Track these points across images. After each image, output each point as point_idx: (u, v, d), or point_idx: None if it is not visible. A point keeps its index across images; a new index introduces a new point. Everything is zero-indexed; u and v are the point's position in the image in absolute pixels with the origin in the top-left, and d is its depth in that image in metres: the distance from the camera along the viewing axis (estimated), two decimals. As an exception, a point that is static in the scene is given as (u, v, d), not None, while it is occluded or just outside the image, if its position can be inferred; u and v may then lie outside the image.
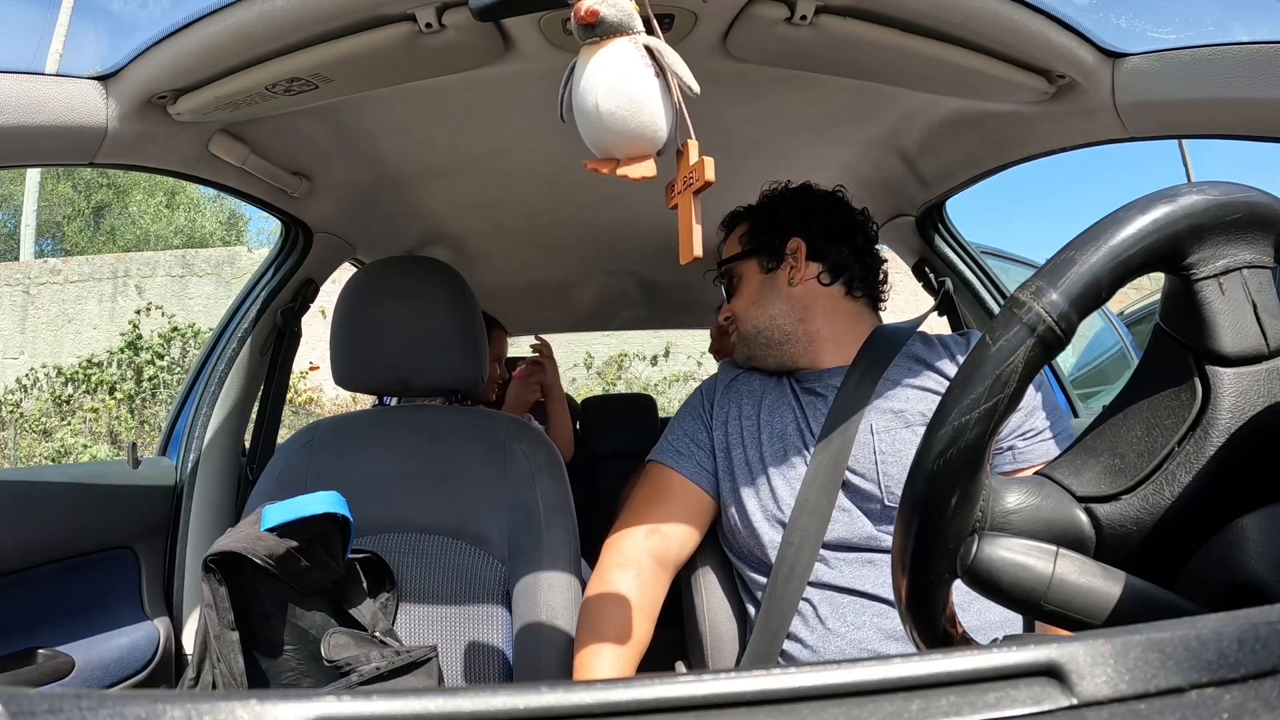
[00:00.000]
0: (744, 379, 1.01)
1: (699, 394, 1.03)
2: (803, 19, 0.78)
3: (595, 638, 0.84)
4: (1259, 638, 0.25)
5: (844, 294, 0.98)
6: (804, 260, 0.97)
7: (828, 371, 0.95)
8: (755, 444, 0.93)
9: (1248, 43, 0.73)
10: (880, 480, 0.85)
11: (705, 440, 0.97)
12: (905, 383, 0.91)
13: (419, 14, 0.76)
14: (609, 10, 0.51)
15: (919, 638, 0.42)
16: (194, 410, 1.36)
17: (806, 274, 0.97)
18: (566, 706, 0.24)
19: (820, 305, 0.97)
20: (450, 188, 1.39)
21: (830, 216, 1.00)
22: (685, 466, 0.96)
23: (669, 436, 1.01)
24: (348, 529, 0.89)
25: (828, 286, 0.97)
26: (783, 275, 0.98)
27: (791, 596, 0.85)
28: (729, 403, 0.99)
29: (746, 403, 0.97)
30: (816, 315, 0.97)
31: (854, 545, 0.86)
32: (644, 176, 0.53)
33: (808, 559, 0.85)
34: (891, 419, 0.88)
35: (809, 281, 0.97)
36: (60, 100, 0.80)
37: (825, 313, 0.97)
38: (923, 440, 0.39)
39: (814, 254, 0.97)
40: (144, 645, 1.17)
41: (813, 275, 0.97)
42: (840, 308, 0.98)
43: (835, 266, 0.97)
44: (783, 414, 0.94)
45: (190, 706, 0.22)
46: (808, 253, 0.97)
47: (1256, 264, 0.40)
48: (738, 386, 1.00)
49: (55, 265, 7.10)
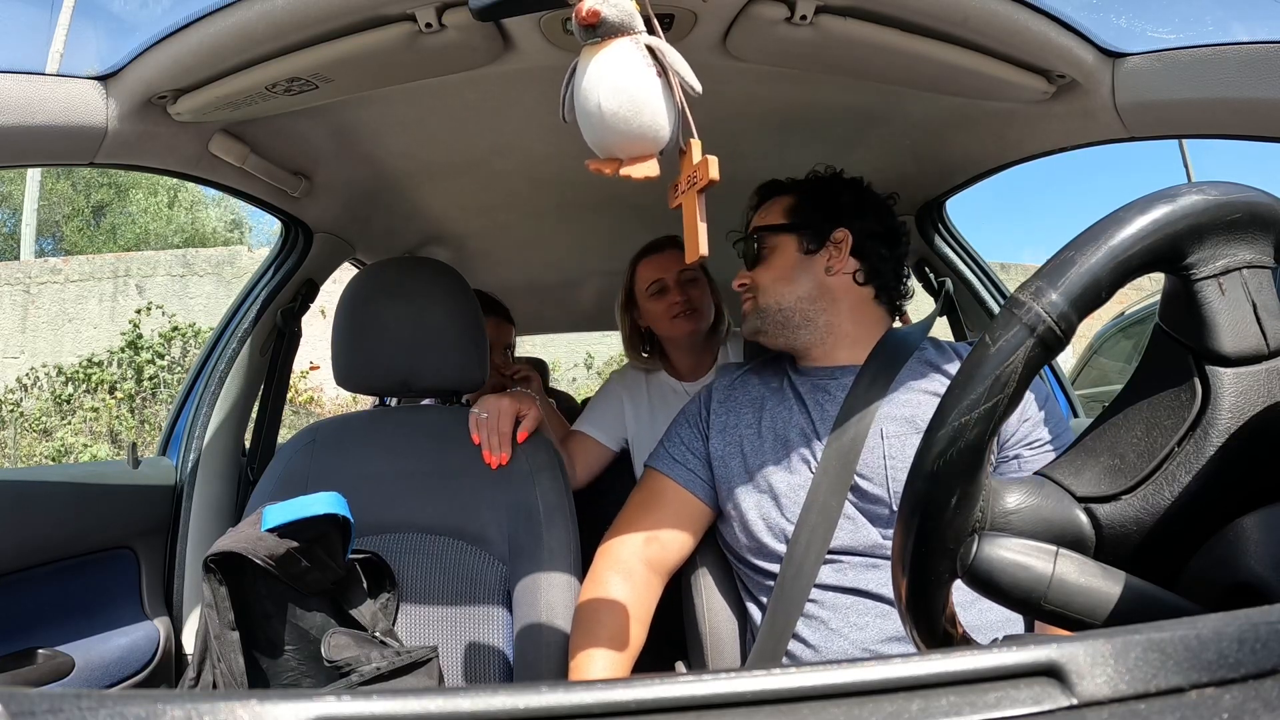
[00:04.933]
0: (741, 385, 1.00)
1: (697, 400, 1.02)
2: (803, 19, 0.78)
3: (589, 642, 0.84)
4: (1259, 638, 0.25)
5: (872, 296, 0.97)
6: (846, 253, 0.96)
7: (840, 369, 0.94)
8: (757, 451, 0.92)
9: (1248, 43, 0.73)
10: (889, 485, 0.85)
11: (701, 449, 0.97)
12: (917, 388, 0.90)
13: (419, 14, 0.76)
14: (610, 10, 0.51)
15: (919, 638, 0.42)
16: (194, 410, 1.36)
17: (845, 267, 0.95)
18: (566, 706, 0.24)
19: (848, 301, 0.96)
20: (450, 188, 1.39)
21: (882, 219, 0.99)
22: (680, 474, 0.96)
23: (665, 443, 1.00)
24: (348, 530, 0.89)
25: (861, 286, 0.96)
26: (821, 260, 0.96)
27: (798, 598, 0.85)
28: (727, 411, 0.98)
29: (746, 410, 0.97)
30: (842, 310, 0.95)
31: (859, 551, 0.85)
32: (647, 176, 0.53)
33: (815, 560, 0.84)
34: (903, 424, 0.87)
35: (845, 275, 0.96)
36: (60, 100, 0.80)
37: (850, 309, 0.96)
38: (922, 440, 0.39)
39: (857, 250, 0.96)
40: (144, 645, 1.17)
41: (850, 270, 0.96)
42: (865, 309, 0.97)
43: (873, 269, 0.96)
44: (785, 417, 0.93)
45: (190, 706, 0.22)
46: (852, 247, 0.96)
47: (1256, 264, 0.40)
48: (735, 394, 0.99)
49: (56, 265, 7.10)
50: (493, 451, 1.01)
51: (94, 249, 12.03)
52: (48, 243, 13.13)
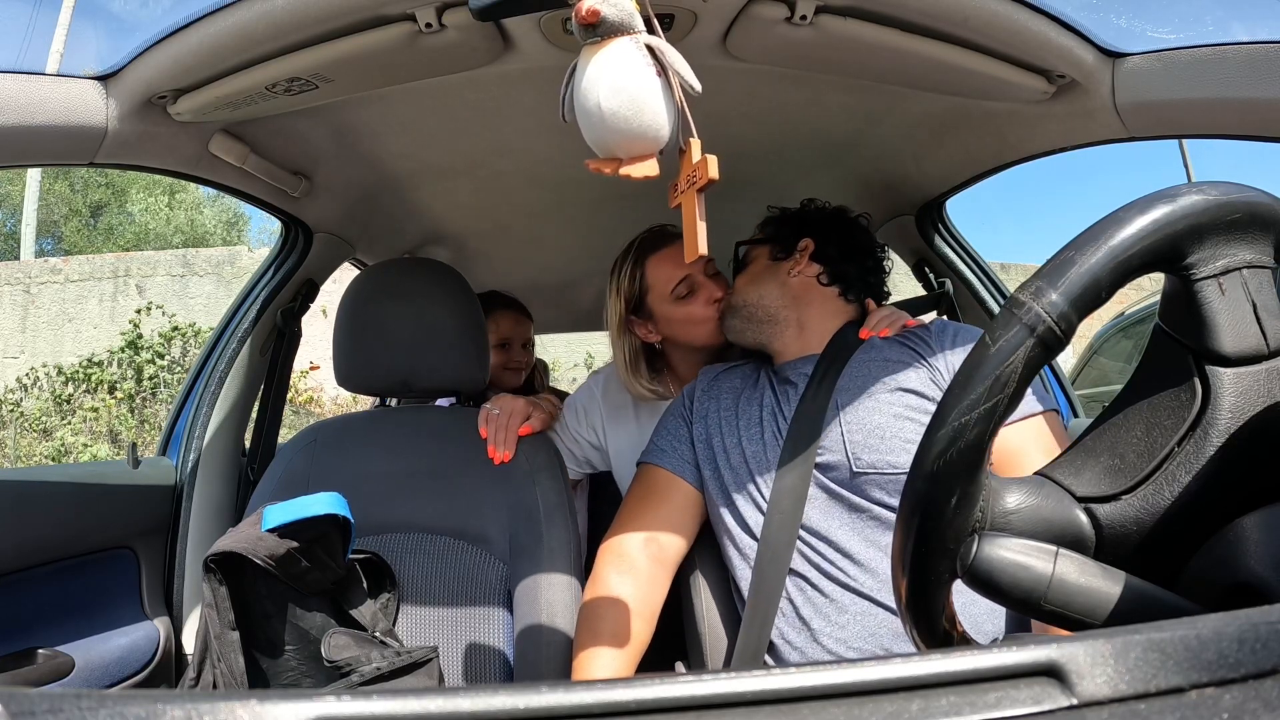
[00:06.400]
0: (724, 378, 1.06)
1: (681, 395, 1.09)
2: (803, 19, 0.78)
3: (593, 640, 0.85)
4: (1259, 638, 0.25)
5: (838, 294, 1.06)
6: (807, 259, 1.05)
7: (803, 360, 1.01)
8: (734, 432, 0.98)
9: (1248, 43, 0.73)
10: (847, 449, 0.88)
11: (686, 435, 1.02)
12: (867, 360, 0.96)
13: (419, 14, 0.76)
14: (610, 10, 0.51)
15: (919, 637, 0.42)
16: (194, 410, 1.36)
17: (808, 271, 1.05)
18: (566, 706, 0.24)
19: (813, 300, 1.05)
20: (450, 188, 1.39)
21: (845, 233, 1.08)
22: (668, 461, 1.00)
23: (655, 438, 1.05)
24: (349, 530, 0.89)
25: (825, 286, 1.05)
26: (786, 265, 1.06)
27: (776, 580, 0.87)
28: (709, 400, 1.04)
29: (726, 397, 1.03)
30: (810, 307, 1.04)
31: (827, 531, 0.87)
32: (647, 176, 0.53)
33: (788, 539, 0.88)
34: (855, 393, 0.92)
35: (808, 278, 1.05)
36: (60, 100, 0.80)
37: (818, 307, 1.04)
38: (922, 440, 0.39)
39: (820, 256, 1.06)
40: (144, 645, 1.17)
41: (813, 274, 1.05)
42: (833, 306, 1.05)
43: (835, 272, 1.06)
44: (757, 403, 0.99)
45: (190, 706, 0.22)
46: (813, 254, 1.05)
47: (1256, 264, 0.40)
48: (718, 386, 1.05)
49: (56, 265, 7.09)
50: (497, 448, 1.05)
51: (94, 249, 12.04)
52: (48, 243, 13.14)
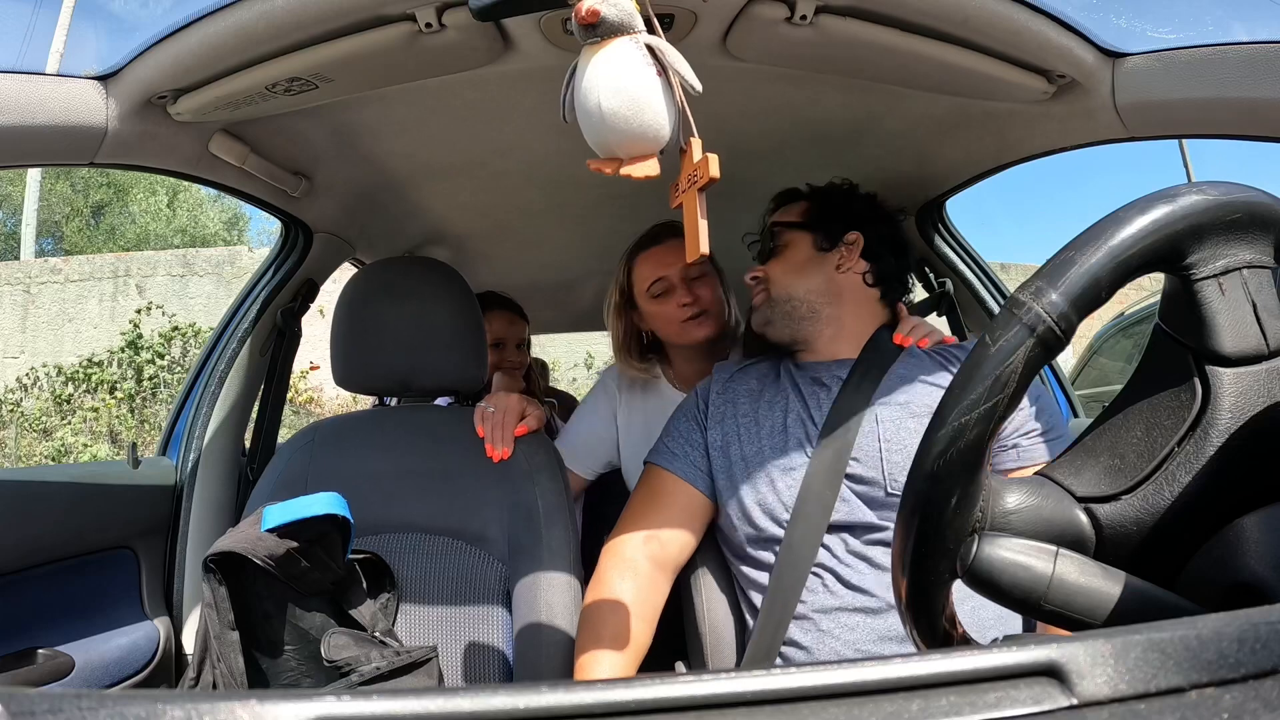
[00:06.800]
0: (739, 378, 1.02)
1: (694, 395, 1.05)
2: (803, 19, 0.78)
3: (595, 643, 0.84)
4: (1259, 638, 0.25)
5: (878, 298, 1.03)
6: (857, 254, 1.01)
7: (837, 363, 0.98)
8: (754, 439, 0.94)
9: (1248, 43, 0.73)
10: (884, 468, 0.86)
11: (699, 440, 0.99)
12: (911, 376, 0.93)
13: (419, 14, 0.76)
14: (610, 10, 0.51)
15: (919, 637, 0.42)
16: (194, 410, 1.36)
17: (856, 267, 1.01)
18: (566, 706, 0.24)
19: (855, 299, 1.01)
20: (450, 188, 1.39)
21: (892, 229, 1.06)
22: (679, 467, 0.97)
23: (664, 438, 1.02)
24: (348, 530, 0.89)
25: (869, 287, 1.02)
26: (832, 259, 1.01)
27: (795, 585, 0.86)
28: (725, 402, 1.00)
29: (743, 400, 0.99)
30: (847, 307, 1.00)
31: (853, 527, 0.87)
32: (647, 176, 0.53)
33: (813, 542, 0.86)
34: (897, 409, 0.90)
35: (854, 275, 1.01)
36: (60, 100, 0.80)
37: (856, 308, 1.01)
38: (923, 440, 0.39)
39: (868, 254, 1.01)
40: (144, 645, 1.17)
41: (860, 271, 1.01)
42: (870, 309, 1.02)
43: (881, 273, 1.02)
44: (782, 407, 0.96)
45: (190, 706, 0.22)
46: (863, 250, 1.01)
47: (1256, 264, 0.40)
48: (733, 386, 1.01)
49: (56, 265, 7.09)
50: (495, 446, 1.03)
51: (94, 249, 12.03)
52: (48, 243, 13.13)
